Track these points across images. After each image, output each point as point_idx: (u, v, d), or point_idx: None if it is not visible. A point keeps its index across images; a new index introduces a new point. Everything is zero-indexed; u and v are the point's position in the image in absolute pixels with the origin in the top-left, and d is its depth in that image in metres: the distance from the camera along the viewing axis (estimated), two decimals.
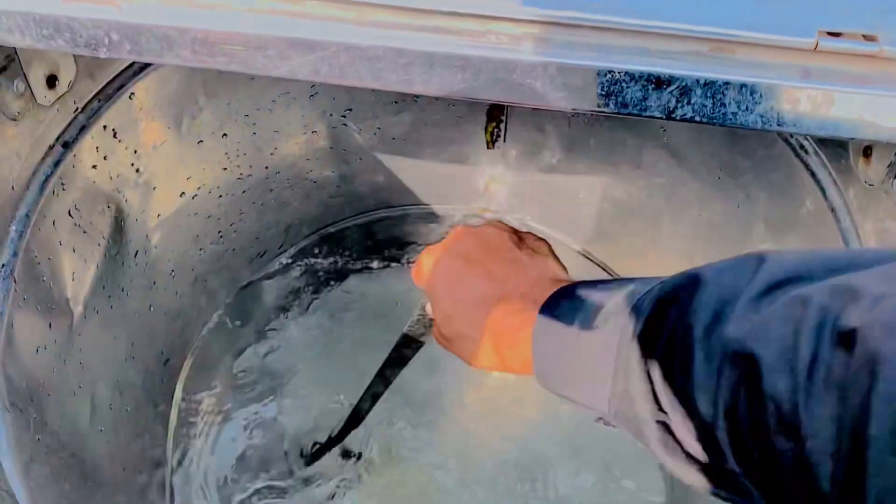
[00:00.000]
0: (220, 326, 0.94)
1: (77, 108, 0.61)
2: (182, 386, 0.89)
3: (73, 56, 0.58)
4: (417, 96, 0.88)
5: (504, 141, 0.94)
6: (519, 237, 0.52)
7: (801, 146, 0.63)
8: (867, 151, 0.58)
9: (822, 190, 0.62)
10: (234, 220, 0.89)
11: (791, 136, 0.64)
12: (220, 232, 0.88)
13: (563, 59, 0.43)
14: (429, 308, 0.55)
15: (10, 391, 0.53)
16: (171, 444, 0.86)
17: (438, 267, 0.51)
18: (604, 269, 1.00)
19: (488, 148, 0.96)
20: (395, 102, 0.89)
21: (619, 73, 0.44)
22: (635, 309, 0.37)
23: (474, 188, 1.02)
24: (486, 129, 0.93)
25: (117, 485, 0.70)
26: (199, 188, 0.81)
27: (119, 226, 0.71)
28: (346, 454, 0.87)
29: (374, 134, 0.92)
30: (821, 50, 0.44)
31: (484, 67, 0.44)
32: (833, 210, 0.61)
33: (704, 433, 0.32)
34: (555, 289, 0.45)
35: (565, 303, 0.43)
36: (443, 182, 1.01)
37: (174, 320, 0.86)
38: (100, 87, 0.62)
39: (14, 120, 0.54)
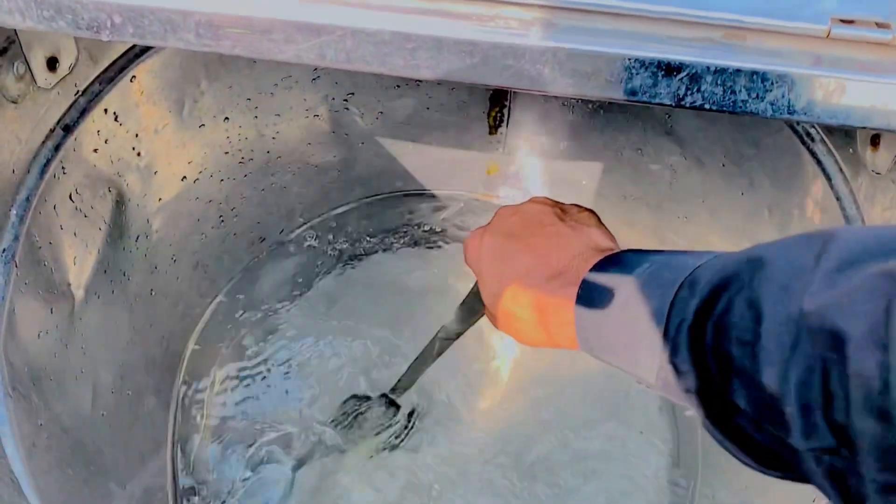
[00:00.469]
0: (222, 311, 0.94)
1: (78, 92, 0.60)
2: (183, 370, 0.89)
3: (75, 38, 0.57)
4: (420, 80, 0.88)
5: (507, 126, 0.93)
6: (562, 209, 0.52)
7: (808, 134, 0.63)
8: (875, 140, 0.57)
9: (829, 178, 0.62)
10: (235, 205, 0.89)
11: (798, 123, 0.64)
12: (221, 216, 0.88)
13: (573, 45, 0.43)
14: None
15: (12, 376, 0.53)
16: (173, 427, 0.86)
17: (483, 247, 0.51)
18: None
19: (491, 133, 0.95)
20: (398, 86, 0.88)
21: (629, 59, 0.43)
22: (689, 282, 0.35)
23: (476, 173, 1.01)
24: (488, 113, 0.93)
25: (119, 469, 0.70)
26: (200, 172, 0.80)
27: (120, 210, 0.70)
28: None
29: (377, 118, 0.91)
30: (833, 37, 0.43)
31: (492, 53, 0.43)
32: (839, 198, 0.61)
33: (768, 409, 0.30)
34: (599, 258, 0.44)
35: (610, 272, 0.42)
36: (444, 167, 1.01)
37: (175, 305, 0.86)
38: (101, 70, 0.62)
39: (14, 103, 0.54)
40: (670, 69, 0.43)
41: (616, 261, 0.43)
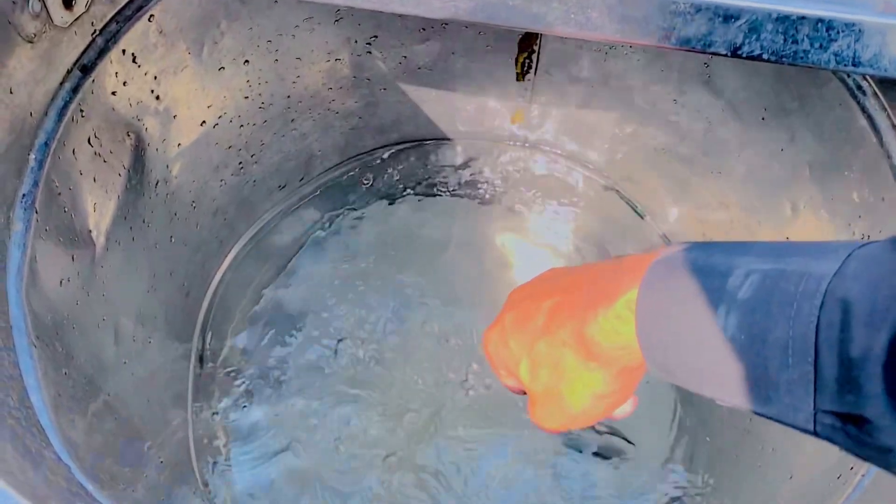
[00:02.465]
0: (241, 259, 0.93)
1: (95, 31, 0.58)
2: (203, 318, 0.89)
3: None
4: (446, 23, 0.84)
5: (535, 73, 0.90)
6: None
7: (859, 87, 0.60)
8: None
9: (879, 135, 0.59)
10: (254, 151, 0.87)
11: (848, 75, 0.60)
12: (240, 163, 0.86)
13: None
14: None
15: (35, 325, 0.52)
16: (194, 375, 0.86)
17: (505, 329, 0.44)
18: (632, 208, 0.98)
19: (518, 80, 0.92)
20: (423, 29, 0.84)
21: (684, 4, 0.40)
22: (838, 301, 0.27)
23: (501, 122, 0.98)
24: (516, 59, 0.89)
25: (142, 416, 0.70)
26: (219, 117, 0.78)
27: (139, 155, 0.68)
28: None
29: (400, 63, 0.88)
30: None
31: None
32: (889, 156, 0.58)
33: None
34: (652, 260, 0.35)
35: (682, 279, 0.32)
36: (469, 115, 0.98)
37: (195, 252, 0.85)
38: (118, 8, 0.59)
39: (30, 42, 0.52)
40: (728, 16, 0.40)
41: (687, 260, 0.33)
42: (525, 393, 0.45)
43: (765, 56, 0.42)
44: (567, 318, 0.39)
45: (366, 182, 1.01)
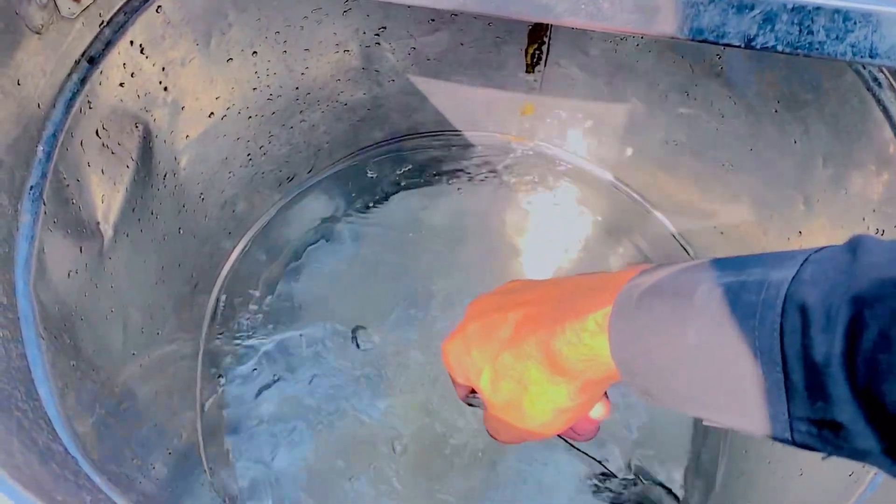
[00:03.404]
0: (249, 251, 0.93)
1: (103, 22, 0.58)
2: (211, 310, 0.89)
3: None
4: (455, 14, 0.84)
5: (545, 65, 0.89)
6: None
7: (875, 79, 0.59)
8: None
9: (895, 128, 0.58)
10: (263, 143, 0.86)
11: (864, 67, 0.59)
12: (248, 155, 0.86)
13: None
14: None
15: (43, 317, 0.52)
16: (202, 367, 0.86)
17: (468, 338, 0.43)
18: (640, 201, 0.97)
19: (527, 72, 0.91)
20: (432, 20, 0.84)
21: None
22: (795, 306, 0.27)
23: (510, 114, 0.98)
24: (526, 50, 0.88)
25: (150, 408, 0.70)
26: (227, 109, 0.78)
27: (147, 147, 0.68)
28: None
29: (409, 54, 0.87)
30: None
31: None
32: None
33: None
34: (623, 281, 0.34)
35: (654, 298, 0.32)
36: (477, 107, 0.97)
37: (203, 244, 0.85)
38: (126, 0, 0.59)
39: (38, 34, 0.51)
40: (743, 6, 0.40)
41: (655, 284, 0.33)
42: (473, 405, 0.45)
43: (779, 48, 0.41)
44: (534, 330, 0.38)
45: (374, 174, 1.00)
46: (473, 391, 0.48)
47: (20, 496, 0.33)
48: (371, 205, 0.99)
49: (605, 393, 0.43)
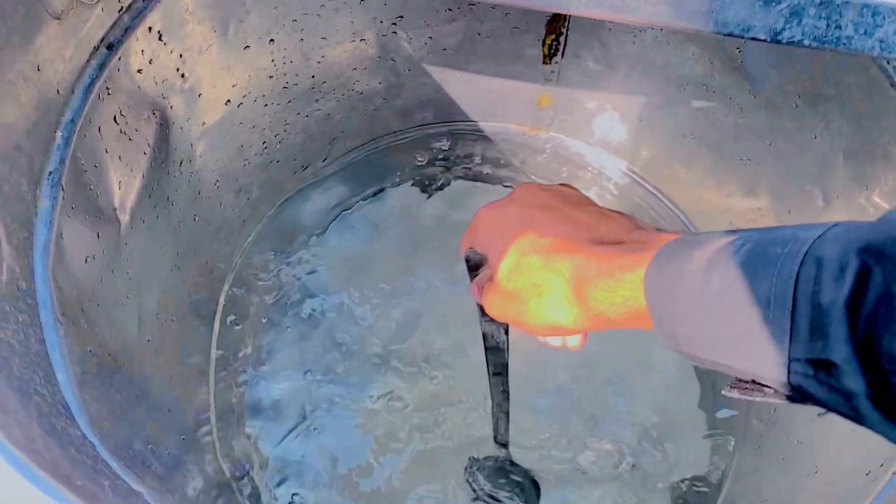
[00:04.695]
0: (264, 238, 0.93)
1: (122, 8, 0.57)
2: (225, 297, 0.89)
3: None
4: (473, 4, 0.83)
5: (562, 56, 0.88)
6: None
7: None
8: None
9: None
10: (278, 131, 0.86)
11: (889, 62, 0.59)
12: (264, 143, 0.86)
13: None
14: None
15: (61, 302, 0.52)
16: (216, 353, 0.86)
17: (505, 217, 0.45)
18: (656, 195, 0.97)
19: (544, 63, 0.90)
20: (449, 10, 0.83)
21: None
22: (814, 259, 0.29)
23: (526, 105, 0.97)
24: (543, 41, 0.88)
25: (165, 394, 0.71)
26: (244, 96, 0.78)
27: (164, 133, 0.68)
28: None
29: (425, 44, 0.87)
30: None
31: None
32: None
33: None
34: (666, 236, 0.38)
35: (690, 248, 0.35)
36: (493, 97, 0.97)
37: (218, 231, 0.85)
38: None
39: (58, 19, 0.51)
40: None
41: (693, 240, 0.35)
42: (467, 259, 0.48)
43: (806, 42, 0.40)
44: (573, 252, 0.40)
45: (389, 164, 1.00)
46: (475, 250, 0.49)
47: (42, 481, 0.33)
48: (385, 195, 0.98)
49: None
